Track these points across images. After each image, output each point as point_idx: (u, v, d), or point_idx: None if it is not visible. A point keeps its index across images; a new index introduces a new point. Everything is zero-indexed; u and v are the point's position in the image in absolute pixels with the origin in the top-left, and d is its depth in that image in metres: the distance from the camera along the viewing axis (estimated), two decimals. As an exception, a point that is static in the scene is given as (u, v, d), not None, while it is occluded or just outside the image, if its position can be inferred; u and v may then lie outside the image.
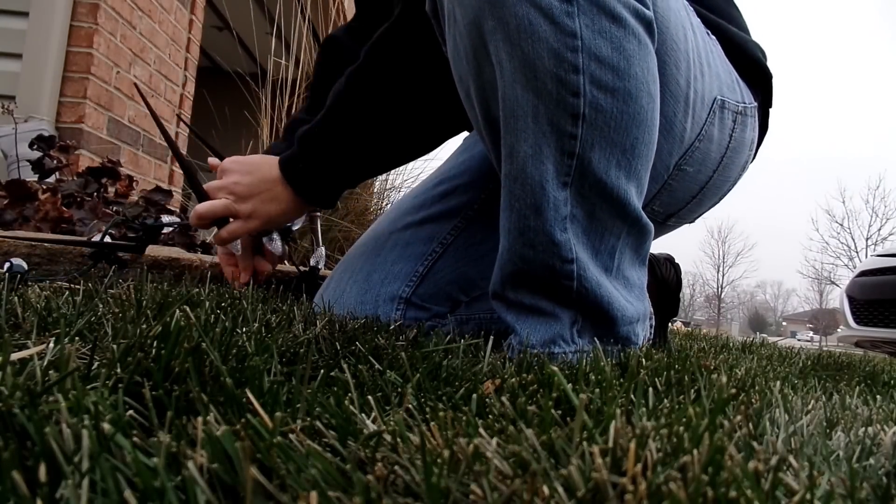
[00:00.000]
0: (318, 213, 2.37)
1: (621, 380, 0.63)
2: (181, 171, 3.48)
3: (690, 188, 1.04)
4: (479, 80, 0.82)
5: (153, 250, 1.30)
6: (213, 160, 1.11)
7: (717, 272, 47.89)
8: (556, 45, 0.74)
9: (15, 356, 0.44)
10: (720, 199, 1.14)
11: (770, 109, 1.14)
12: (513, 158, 0.79)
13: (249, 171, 1.03)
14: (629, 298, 0.87)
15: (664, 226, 1.11)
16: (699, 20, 1.00)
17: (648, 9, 0.80)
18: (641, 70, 0.78)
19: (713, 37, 1.03)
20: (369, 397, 0.45)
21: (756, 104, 1.07)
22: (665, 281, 1.27)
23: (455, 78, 0.88)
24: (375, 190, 3.51)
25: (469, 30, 0.79)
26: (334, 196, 1.05)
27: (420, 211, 1.09)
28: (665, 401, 0.55)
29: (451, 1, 0.81)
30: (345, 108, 0.98)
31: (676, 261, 1.32)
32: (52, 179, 2.03)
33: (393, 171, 3.62)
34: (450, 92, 0.94)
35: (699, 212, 1.13)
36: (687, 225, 1.18)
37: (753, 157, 1.15)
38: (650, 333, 1.02)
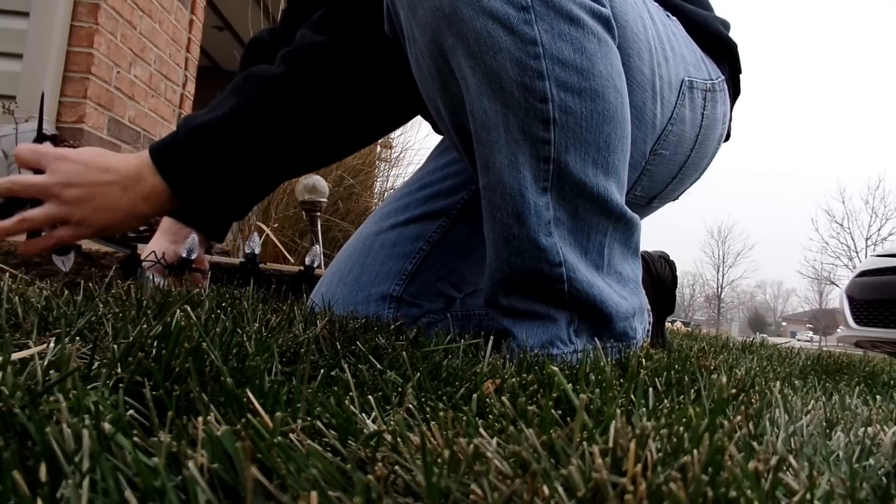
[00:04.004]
0: (318, 213, 2.37)
1: (621, 380, 0.63)
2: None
3: (670, 170, 1.06)
4: (447, 97, 0.83)
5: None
6: (21, 148, 0.92)
7: (717, 272, 47.93)
8: (518, 54, 0.74)
9: (15, 356, 0.44)
10: (701, 174, 1.16)
11: (740, 75, 1.15)
12: (489, 170, 0.79)
13: (85, 163, 0.90)
14: (623, 294, 0.87)
15: (649, 207, 1.13)
16: (656, 5, 1.00)
17: (605, 6, 0.80)
18: (605, 67, 0.79)
19: (674, 18, 1.04)
20: (370, 397, 0.45)
21: (723, 77, 1.09)
22: (660, 278, 1.27)
23: (423, 95, 0.89)
24: (376, 190, 3.52)
25: (430, 48, 0.79)
26: (217, 203, 0.97)
27: (405, 212, 1.10)
28: (665, 401, 0.55)
29: (408, 21, 0.81)
30: (258, 117, 0.92)
31: (671, 258, 1.32)
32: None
33: (393, 173, 3.62)
34: (378, 100, 0.94)
35: (681, 189, 1.15)
36: (671, 203, 1.19)
37: (729, 126, 1.16)
38: (648, 328, 1.03)
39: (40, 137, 1.00)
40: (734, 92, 1.14)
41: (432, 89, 0.84)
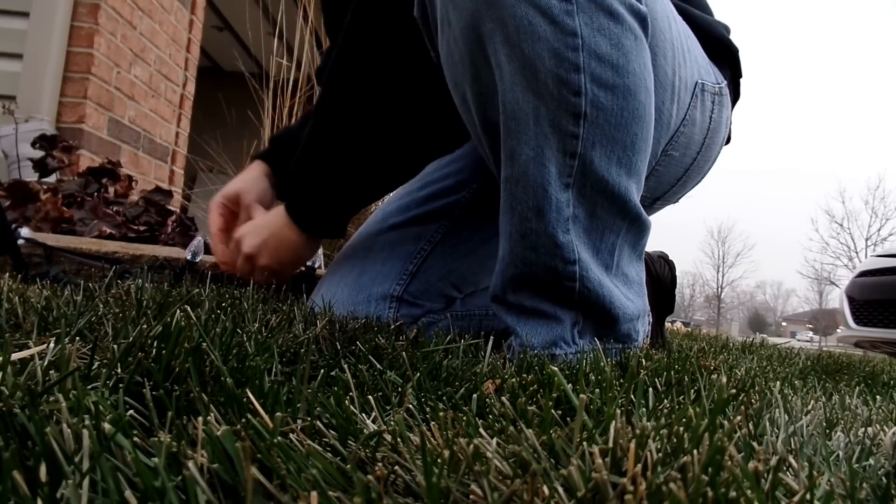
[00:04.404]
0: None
1: (621, 380, 0.63)
2: (182, 171, 3.48)
3: (676, 171, 1.06)
4: (477, 85, 0.82)
5: (154, 250, 1.30)
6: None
7: (717, 272, 47.91)
8: (557, 45, 0.74)
9: (15, 356, 0.44)
10: (702, 177, 1.16)
11: (740, 80, 1.16)
12: (514, 162, 0.78)
13: (259, 232, 1.06)
14: (629, 295, 0.87)
15: (650, 209, 1.13)
16: (673, 7, 1.01)
17: (643, 3, 0.80)
18: (639, 65, 0.78)
19: (684, 22, 1.04)
20: (369, 397, 0.45)
21: (726, 81, 1.09)
22: (660, 278, 1.27)
23: (449, 83, 0.88)
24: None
25: (465, 33, 0.78)
26: (337, 224, 1.06)
27: (406, 212, 1.10)
28: (665, 401, 0.55)
29: (444, 5, 0.80)
30: (320, 137, 0.99)
31: (671, 258, 1.33)
32: (52, 179, 2.03)
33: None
34: (424, 106, 0.94)
35: (683, 192, 1.16)
36: (672, 206, 1.20)
37: (729, 130, 1.17)
38: (648, 329, 1.03)
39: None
40: (734, 96, 1.15)
41: (462, 77, 0.83)
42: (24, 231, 1.10)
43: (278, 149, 1.17)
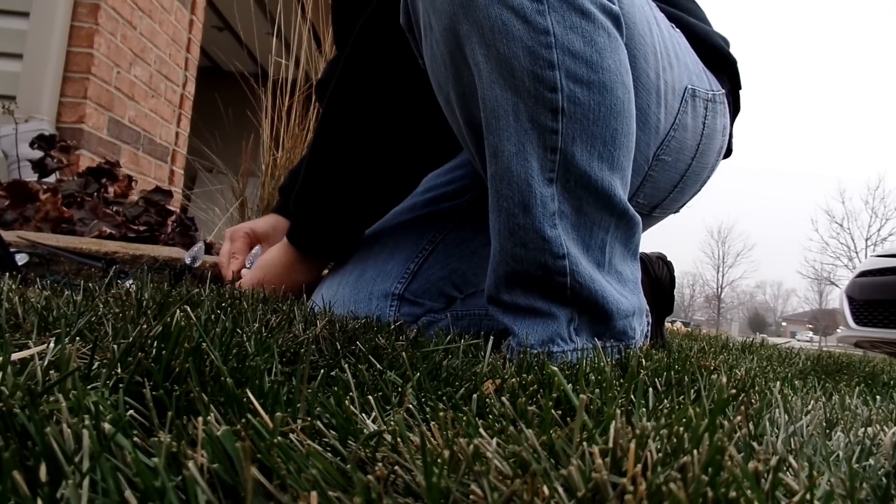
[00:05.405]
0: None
1: (621, 380, 0.63)
2: (182, 171, 3.48)
3: (671, 177, 1.07)
4: (459, 86, 0.84)
5: (154, 250, 1.30)
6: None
7: (717, 272, 47.94)
8: (531, 43, 0.76)
9: (15, 356, 0.44)
10: (701, 186, 1.17)
11: (740, 92, 1.17)
12: (497, 158, 0.80)
13: (266, 264, 1.12)
14: (623, 293, 0.88)
15: (650, 217, 1.13)
16: (662, 15, 1.02)
17: (615, 4, 0.82)
18: (614, 62, 0.80)
19: (677, 29, 1.05)
20: (370, 397, 0.45)
21: (724, 91, 1.10)
22: (658, 279, 1.27)
23: (434, 86, 0.90)
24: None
25: (445, 36, 0.81)
26: (344, 245, 1.10)
27: (409, 213, 1.11)
28: (665, 401, 0.55)
29: (426, 11, 0.83)
30: (319, 160, 1.03)
31: (669, 259, 1.33)
32: (52, 179, 2.03)
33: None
34: (419, 124, 0.97)
35: (682, 201, 1.16)
36: (673, 215, 1.20)
37: (729, 142, 1.17)
38: (647, 330, 1.03)
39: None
40: (734, 108, 1.15)
41: (444, 78, 0.86)
42: (20, 257, 1.11)
43: (288, 198, 1.23)
